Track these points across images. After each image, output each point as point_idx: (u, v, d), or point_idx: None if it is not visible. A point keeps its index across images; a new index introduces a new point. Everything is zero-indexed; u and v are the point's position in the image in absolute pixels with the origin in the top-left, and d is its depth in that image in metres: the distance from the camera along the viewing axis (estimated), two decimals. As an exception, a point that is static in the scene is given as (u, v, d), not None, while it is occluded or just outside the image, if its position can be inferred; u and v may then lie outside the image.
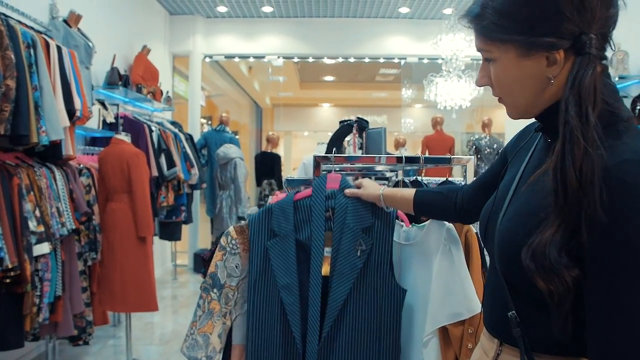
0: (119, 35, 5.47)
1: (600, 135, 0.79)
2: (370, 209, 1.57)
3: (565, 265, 0.80)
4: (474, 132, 8.08)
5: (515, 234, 0.91)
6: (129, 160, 3.63)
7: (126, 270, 3.63)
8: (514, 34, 0.87)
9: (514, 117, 1.00)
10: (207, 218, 7.17)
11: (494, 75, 0.95)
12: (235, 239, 1.64)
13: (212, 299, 1.61)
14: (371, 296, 1.54)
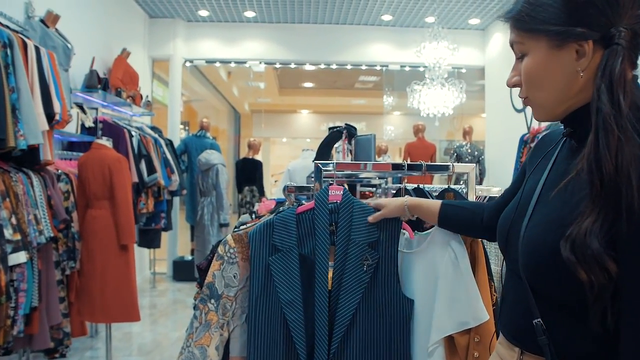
0: (97, 38, 5.35)
1: (633, 123, 0.80)
2: (376, 222, 1.52)
3: (607, 255, 0.78)
4: (454, 140, 8.12)
5: (544, 241, 0.89)
6: (111, 165, 3.53)
7: (107, 279, 3.52)
8: (546, 24, 0.89)
9: (541, 118, 0.99)
10: (187, 225, 7.05)
11: (524, 69, 0.95)
12: (233, 247, 1.57)
13: (210, 310, 1.54)
14: (379, 310, 1.49)
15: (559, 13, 0.88)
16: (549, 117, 0.97)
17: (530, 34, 0.93)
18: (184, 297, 5.97)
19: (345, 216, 1.53)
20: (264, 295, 1.52)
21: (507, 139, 6.41)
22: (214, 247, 1.61)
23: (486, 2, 6.42)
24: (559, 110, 0.95)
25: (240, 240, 1.57)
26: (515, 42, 0.96)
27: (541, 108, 0.97)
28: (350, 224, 1.53)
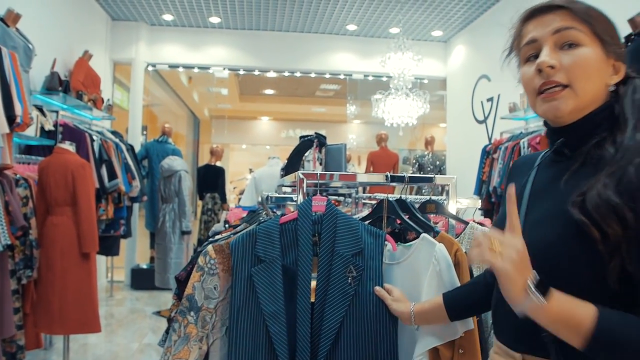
0: (58, 39, 5.19)
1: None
2: (359, 234, 1.52)
3: (623, 202, 0.85)
4: (416, 149, 8.24)
5: (547, 236, 0.95)
6: (74, 171, 3.42)
7: (66, 288, 3.40)
8: (604, 33, 1.00)
9: (568, 110, 0.99)
10: (146, 232, 6.90)
11: (582, 57, 0.98)
12: (214, 258, 1.54)
13: (189, 323, 1.50)
14: (364, 323, 1.48)
15: (613, 32, 1.02)
16: (576, 110, 0.99)
17: (592, 31, 0.99)
18: (142, 306, 5.83)
19: (328, 227, 1.52)
20: (245, 307, 1.49)
21: (468, 150, 6.54)
22: (193, 258, 1.58)
23: (449, 15, 6.56)
24: (584, 108, 0.99)
25: (222, 251, 1.55)
26: (575, 29, 0.99)
27: (576, 100, 0.98)
28: (334, 235, 1.52)
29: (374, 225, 1.66)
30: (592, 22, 0.99)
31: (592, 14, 1.00)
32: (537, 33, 1.02)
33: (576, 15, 0.99)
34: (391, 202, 1.66)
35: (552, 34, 1.00)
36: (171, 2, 6.27)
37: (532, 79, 1.01)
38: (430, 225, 1.64)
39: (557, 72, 0.98)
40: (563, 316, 0.85)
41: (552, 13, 1.01)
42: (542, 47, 1.01)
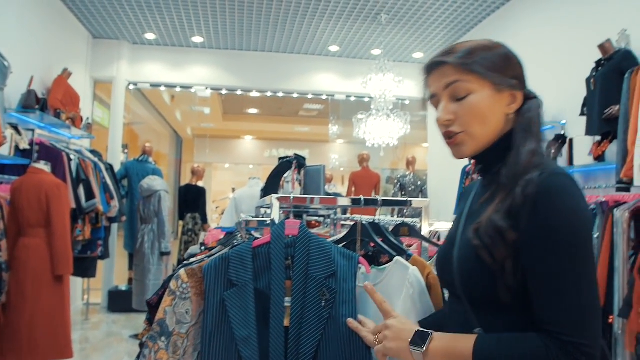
0: (36, 56, 5.15)
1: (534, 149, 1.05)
2: (332, 256, 1.51)
3: (509, 226, 0.97)
4: (397, 169, 8.28)
5: (468, 256, 1.05)
6: (49, 191, 3.37)
7: (37, 313, 3.30)
8: (490, 72, 1.07)
9: (468, 151, 1.10)
10: (124, 253, 6.79)
11: (471, 105, 1.07)
12: (186, 282, 1.51)
13: (160, 349, 1.47)
14: (338, 346, 1.46)
15: (503, 65, 1.09)
16: (477, 150, 1.10)
17: (478, 77, 1.07)
18: (119, 330, 5.71)
19: (301, 250, 1.51)
20: (218, 332, 1.47)
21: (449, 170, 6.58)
22: (165, 282, 1.55)
23: (430, 38, 6.65)
24: (485, 144, 1.10)
25: (194, 275, 1.52)
26: (461, 81, 1.08)
27: (474, 142, 1.09)
28: (307, 259, 1.50)
29: (348, 248, 1.65)
30: (475, 68, 1.07)
31: (475, 59, 1.07)
32: (434, 89, 1.13)
33: (457, 67, 1.08)
34: (365, 225, 1.66)
35: (444, 89, 1.10)
36: (153, 22, 6.27)
37: (439, 128, 1.13)
38: (403, 248, 1.63)
39: (454, 124, 1.09)
40: (448, 353, 1.00)
41: (439, 69, 1.11)
42: (440, 101, 1.12)
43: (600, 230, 3.25)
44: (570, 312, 0.91)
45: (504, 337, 0.96)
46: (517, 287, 0.97)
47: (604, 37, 3.77)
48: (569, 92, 4.37)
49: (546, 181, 0.97)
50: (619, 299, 3.01)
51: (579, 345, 0.89)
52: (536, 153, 1.04)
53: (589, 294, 0.93)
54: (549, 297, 0.93)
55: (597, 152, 3.80)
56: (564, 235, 0.94)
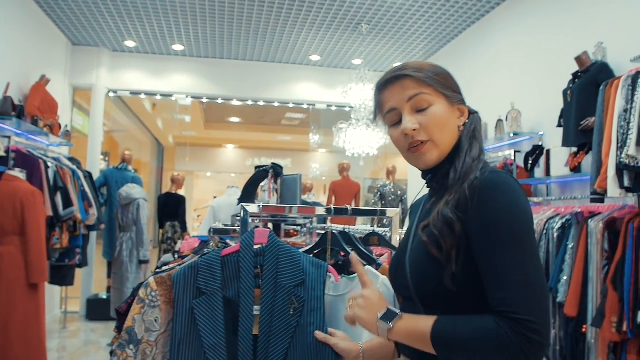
0: (13, 63, 5.11)
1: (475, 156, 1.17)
2: (301, 265, 1.52)
3: (456, 217, 1.06)
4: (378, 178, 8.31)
5: (418, 258, 1.14)
6: (24, 199, 3.34)
7: (12, 321, 3.27)
8: (445, 88, 1.18)
9: (434, 160, 1.18)
10: (103, 261, 6.73)
11: (434, 115, 1.16)
12: (155, 290, 1.52)
13: (128, 357, 1.46)
14: (306, 354, 1.47)
15: (451, 82, 1.20)
16: (439, 159, 1.18)
17: (435, 90, 1.17)
18: (97, 338, 5.65)
19: (271, 259, 1.52)
20: (187, 340, 1.47)
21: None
22: (134, 290, 1.55)
23: (410, 48, 6.72)
24: (445, 154, 1.18)
25: (163, 283, 1.52)
26: (423, 94, 1.16)
27: (438, 150, 1.17)
28: (276, 267, 1.52)
29: (319, 257, 1.67)
30: (433, 83, 1.16)
31: (431, 75, 1.17)
32: (394, 102, 1.19)
33: (419, 80, 1.16)
34: (335, 235, 1.67)
35: (407, 102, 1.17)
36: (133, 29, 6.25)
37: (400, 140, 1.19)
38: (373, 257, 1.65)
39: (419, 133, 1.16)
40: (409, 333, 1.08)
41: (399, 82, 1.18)
42: (402, 114, 1.17)
43: (575, 240, 3.28)
44: (517, 292, 0.98)
45: (460, 318, 1.03)
46: (464, 277, 1.05)
47: (581, 49, 3.82)
48: (546, 103, 4.42)
49: (489, 177, 1.07)
50: (592, 309, 3.04)
51: (527, 322, 0.95)
52: (480, 158, 1.16)
53: (535, 275, 1.00)
54: (499, 280, 1.00)
55: (574, 163, 3.83)
56: (509, 224, 1.02)
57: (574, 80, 3.92)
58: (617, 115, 3.07)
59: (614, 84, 3.18)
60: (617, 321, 2.79)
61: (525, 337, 0.94)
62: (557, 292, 3.30)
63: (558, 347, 3.34)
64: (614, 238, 3.04)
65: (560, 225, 3.45)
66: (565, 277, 3.29)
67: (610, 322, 2.83)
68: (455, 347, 1.02)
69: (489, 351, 0.98)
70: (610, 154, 3.08)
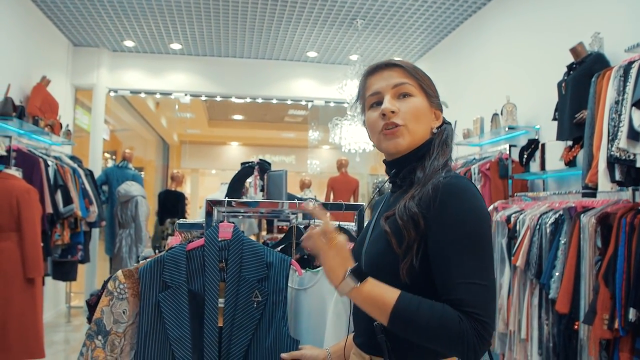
0: (15, 64, 5.20)
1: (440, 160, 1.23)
2: (264, 259, 1.57)
3: (420, 213, 1.11)
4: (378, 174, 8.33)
5: (376, 250, 1.20)
6: (19, 196, 3.41)
7: (10, 314, 3.36)
8: (427, 87, 1.27)
9: (404, 146, 1.23)
10: (107, 257, 6.82)
11: (414, 105, 1.24)
12: (123, 283, 1.57)
13: (97, 347, 1.52)
14: (267, 347, 1.52)
15: (433, 88, 1.30)
16: (409, 147, 1.24)
17: (419, 86, 1.26)
18: (99, 333, 5.72)
19: (235, 253, 1.56)
20: (153, 332, 1.52)
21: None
22: (105, 282, 1.59)
23: (407, 43, 6.72)
24: (414, 145, 1.24)
25: (131, 276, 1.57)
26: (408, 84, 1.24)
27: (410, 137, 1.23)
28: (240, 261, 1.56)
29: (285, 251, 1.71)
30: (419, 78, 1.26)
31: (419, 73, 1.27)
32: (379, 86, 1.26)
33: (408, 72, 1.25)
34: (300, 229, 1.71)
35: (392, 88, 1.24)
36: (131, 29, 6.32)
37: (376, 121, 1.25)
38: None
39: (396, 116, 1.22)
40: (372, 298, 1.09)
41: (389, 69, 1.26)
42: (383, 97, 1.24)
43: (567, 236, 3.20)
44: (477, 294, 1.04)
45: (424, 301, 1.06)
46: (418, 271, 1.10)
47: (577, 40, 3.73)
48: (543, 96, 4.36)
49: (452, 181, 1.13)
50: (584, 306, 2.96)
51: (484, 323, 1.02)
52: (446, 165, 1.23)
53: (490, 279, 1.07)
54: (457, 282, 1.05)
55: (568, 157, 3.75)
56: (470, 228, 1.08)
57: (569, 72, 3.83)
58: (609, 107, 2.98)
59: (606, 75, 3.10)
60: (608, 318, 2.71)
61: (480, 335, 1.01)
62: (550, 288, 3.20)
63: (551, 344, 3.26)
64: (606, 233, 2.95)
65: (553, 221, 3.34)
66: (558, 273, 3.19)
67: (602, 319, 2.73)
68: (411, 325, 1.05)
69: (444, 340, 1.03)
70: (602, 147, 2.99)
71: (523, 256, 3.44)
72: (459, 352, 1.02)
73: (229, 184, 2.99)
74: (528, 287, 3.47)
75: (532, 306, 3.42)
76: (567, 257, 3.14)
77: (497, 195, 4.48)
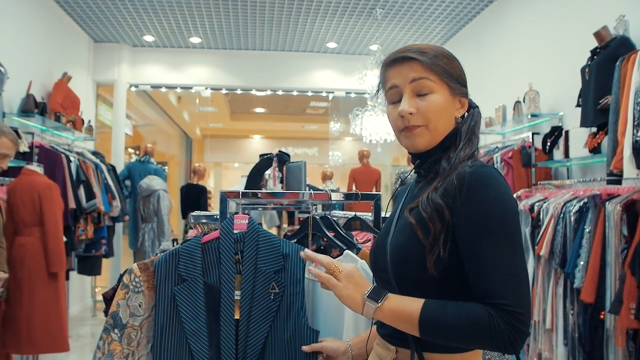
0: (37, 61, 5.27)
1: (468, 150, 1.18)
2: (281, 251, 1.55)
3: (445, 204, 1.08)
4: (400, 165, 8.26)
5: (401, 241, 1.16)
6: (41, 192, 3.46)
7: (34, 308, 3.41)
8: (450, 78, 1.20)
9: (423, 145, 1.20)
10: (130, 251, 6.90)
11: (434, 102, 1.18)
12: (138, 276, 1.56)
13: (113, 340, 1.52)
14: (286, 339, 1.50)
15: (458, 74, 1.22)
16: (429, 145, 1.20)
17: (440, 79, 1.18)
18: (125, 326, 5.80)
19: (250, 245, 1.55)
20: (169, 325, 1.51)
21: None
22: (120, 276, 1.60)
23: (428, 31, 6.63)
24: (436, 141, 1.20)
25: (146, 269, 1.57)
26: (427, 79, 1.18)
27: (430, 135, 1.19)
28: (256, 253, 1.54)
29: (301, 242, 1.68)
30: (439, 70, 1.18)
31: (439, 64, 1.18)
32: (397, 81, 1.20)
33: (426, 66, 1.17)
34: (316, 220, 1.69)
35: (409, 83, 1.18)
36: (151, 24, 6.35)
37: (396, 119, 1.20)
38: (352, 242, 1.66)
39: (414, 117, 1.17)
40: (397, 313, 1.08)
41: (406, 63, 1.19)
42: (402, 94, 1.19)
43: (592, 224, 3.15)
44: (507, 285, 1.01)
45: (448, 304, 1.05)
46: (446, 263, 1.08)
47: (601, 24, 3.62)
48: (566, 83, 4.27)
49: (479, 170, 1.09)
50: (610, 295, 2.92)
51: (516, 314, 0.98)
52: (473, 154, 1.18)
53: (521, 268, 1.04)
54: (488, 272, 1.02)
55: (592, 143, 3.68)
56: (498, 217, 1.05)
57: (593, 57, 3.75)
58: (634, 92, 2.92)
59: (631, 58, 3.04)
60: (635, 307, 2.67)
61: (514, 327, 0.98)
62: (574, 277, 3.16)
63: (577, 334, 3.21)
64: (633, 221, 2.89)
65: (578, 209, 3.30)
66: (582, 262, 3.15)
67: (629, 309, 2.71)
68: (442, 332, 1.04)
69: (477, 339, 1.01)
70: (627, 133, 2.95)
71: (547, 245, 3.39)
72: (495, 347, 1.01)
73: (248, 176, 2.99)
74: (552, 277, 3.42)
75: (556, 296, 3.36)
76: (592, 246, 3.09)
77: (520, 184, 4.41)
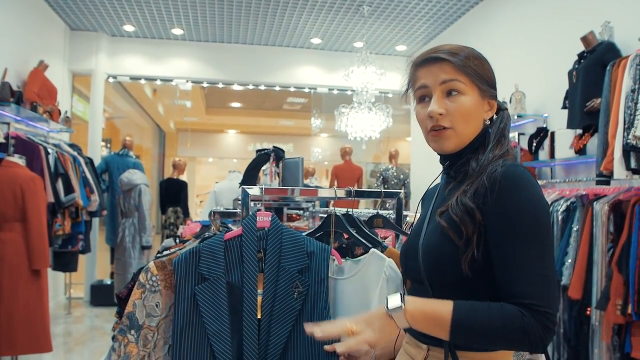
0: (11, 48, 5.06)
1: (496, 153, 1.18)
2: (305, 249, 1.50)
3: (476, 205, 1.08)
4: (380, 163, 8.27)
5: (434, 242, 1.15)
6: (24, 185, 3.31)
7: (15, 307, 3.27)
8: (481, 80, 1.19)
9: (451, 148, 1.20)
10: (107, 247, 6.73)
11: (462, 104, 1.17)
12: (155, 275, 1.49)
13: (130, 342, 1.44)
14: (308, 338, 1.45)
15: (489, 76, 1.22)
16: (457, 147, 1.20)
17: (470, 81, 1.18)
18: (102, 323, 5.66)
19: (274, 243, 1.50)
20: (189, 326, 1.45)
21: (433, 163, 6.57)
22: (135, 275, 1.52)
23: (412, 30, 6.64)
24: (464, 143, 1.20)
25: (164, 268, 1.50)
26: (457, 81, 1.17)
27: (458, 139, 1.19)
28: (279, 251, 1.49)
29: (322, 240, 1.64)
30: (470, 72, 1.18)
31: (470, 66, 1.18)
32: (427, 81, 1.19)
33: (457, 67, 1.17)
34: (338, 217, 1.64)
35: (439, 84, 1.18)
36: (132, 13, 6.18)
37: (424, 119, 1.20)
38: (378, 240, 1.62)
39: (443, 118, 1.17)
40: (426, 315, 1.06)
41: (437, 64, 1.19)
42: (432, 94, 1.19)
43: (579, 223, 3.27)
44: (539, 285, 1.01)
45: (479, 304, 1.04)
46: (480, 263, 1.08)
47: (587, 29, 3.74)
48: (551, 85, 4.35)
49: (509, 169, 1.09)
50: (596, 292, 3.04)
51: (546, 314, 1.00)
52: (503, 155, 1.18)
53: (551, 269, 1.05)
54: (520, 273, 1.02)
55: (579, 145, 3.79)
56: (529, 217, 1.05)
57: (580, 60, 3.85)
58: (624, 96, 3.03)
59: (622, 63, 3.13)
60: (621, 304, 2.80)
61: (545, 326, 0.99)
62: (562, 274, 3.31)
63: (562, 329, 3.35)
64: (619, 220, 3.03)
65: (565, 208, 3.44)
66: (570, 260, 3.30)
67: (615, 305, 2.85)
68: (475, 335, 1.03)
69: (511, 339, 1.01)
70: (617, 135, 3.05)
71: (535, 243, 3.46)
72: (526, 347, 1.01)
73: (245, 171, 2.93)
74: (540, 275, 3.50)
75: (543, 293, 3.46)
76: (580, 244, 3.22)
77: (507, 183, 4.46)
